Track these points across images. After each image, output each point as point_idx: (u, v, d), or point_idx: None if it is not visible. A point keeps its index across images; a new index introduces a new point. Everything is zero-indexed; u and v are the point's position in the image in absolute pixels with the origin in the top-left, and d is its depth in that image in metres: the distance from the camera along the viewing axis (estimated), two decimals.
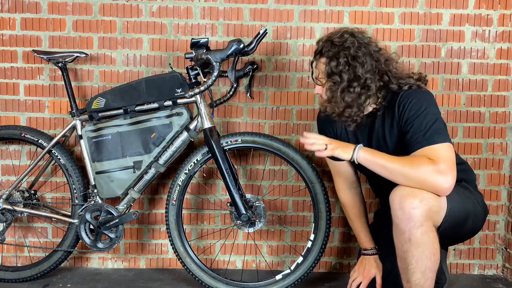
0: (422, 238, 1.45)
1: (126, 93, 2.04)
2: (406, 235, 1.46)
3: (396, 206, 1.47)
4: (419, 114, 1.56)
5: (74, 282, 2.17)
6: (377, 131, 1.70)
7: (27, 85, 2.29)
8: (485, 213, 1.71)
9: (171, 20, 2.26)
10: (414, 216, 1.44)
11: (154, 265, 2.39)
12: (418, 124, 1.55)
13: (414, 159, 1.51)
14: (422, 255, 1.46)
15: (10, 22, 2.26)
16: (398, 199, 1.47)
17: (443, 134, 1.54)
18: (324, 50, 1.63)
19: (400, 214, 1.46)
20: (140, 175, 2.05)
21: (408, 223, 1.45)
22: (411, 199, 1.45)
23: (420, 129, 1.54)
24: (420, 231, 1.44)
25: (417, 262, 1.47)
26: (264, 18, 2.25)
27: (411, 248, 1.46)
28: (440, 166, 1.46)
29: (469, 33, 2.26)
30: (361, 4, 2.25)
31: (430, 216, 1.46)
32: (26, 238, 2.36)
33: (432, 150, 1.50)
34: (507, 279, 2.30)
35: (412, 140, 1.55)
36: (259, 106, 2.30)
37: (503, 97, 2.29)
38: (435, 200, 1.48)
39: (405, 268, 1.50)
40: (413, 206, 1.44)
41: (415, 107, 1.57)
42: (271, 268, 2.36)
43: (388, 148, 1.67)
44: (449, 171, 1.47)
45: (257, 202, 2.04)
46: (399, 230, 1.48)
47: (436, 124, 1.54)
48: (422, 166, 1.47)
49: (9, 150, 2.31)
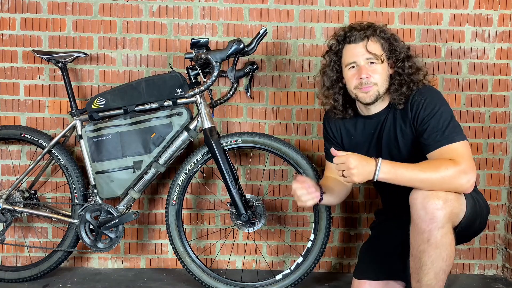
0: (442, 240, 1.44)
1: (126, 93, 2.04)
2: (425, 235, 1.45)
3: (419, 206, 1.45)
4: (435, 113, 1.55)
5: (74, 282, 2.17)
6: (387, 130, 1.68)
7: (27, 85, 2.29)
8: (487, 212, 1.71)
9: (171, 20, 2.26)
10: (437, 217, 1.43)
11: (154, 265, 2.39)
12: (435, 123, 1.54)
13: (436, 164, 1.48)
14: (439, 257, 1.45)
15: (10, 22, 2.26)
16: (421, 198, 1.45)
17: (460, 132, 1.54)
18: (370, 32, 1.63)
19: (423, 214, 1.44)
20: (140, 175, 2.05)
21: (430, 224, 1.43)
22: (436, 200, 1.43)
23: (438, 128, 1.53)
24: (440, 233, 1.43)
25: (432, 263, 1.46)
26: (264, 18, 2.25)
27: (428, 248, 1.45)
28: (462, 166, 1.46)
29: (469, 33, 2.26)
30: (361, 4, 2.25)
31: (452, 218, 1.46)
32: (26, 238, 2.36)
33: (452, 149, 1.50)
34: (507, 279, 2.30)
35: (430, 139, 1.54)
36: (259, 106, 2.30)
37: (503, 97, 2.29)
38: (458, 201, 1.47)
39: (418, 268, 1.49)
40: (437, 207, 1.43)
41: (429, 106, 1.57)
42: (271, 268, 2.36)
43: (399, 147, 1.66)
44: (471, 169, 1.47)
45: (257, 202, 2.04)
46: (418, 229, 1.46)
47: (452, 122, 1.54)
48: (446, 169, 1.45)
49: (9, 150, 2.31)
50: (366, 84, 1.61)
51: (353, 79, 1.64)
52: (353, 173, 1.45)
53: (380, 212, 1.96)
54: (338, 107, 1.75)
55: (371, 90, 1.62)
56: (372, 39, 1.63)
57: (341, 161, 1.47)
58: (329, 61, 1.74)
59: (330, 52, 1.74)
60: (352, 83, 1.65)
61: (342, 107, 1.76)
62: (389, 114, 1.68)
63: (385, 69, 1.64)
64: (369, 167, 1.47)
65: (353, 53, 1.64)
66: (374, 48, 1.62)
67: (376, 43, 1.63)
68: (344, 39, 1.67)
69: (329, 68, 1.74)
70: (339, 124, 1.82)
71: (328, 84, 1.75)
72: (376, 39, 1.63)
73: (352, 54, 1.64)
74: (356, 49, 1.63)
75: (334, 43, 1.71)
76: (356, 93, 1.65)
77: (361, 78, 1.61)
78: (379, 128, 1.71)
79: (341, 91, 1.74)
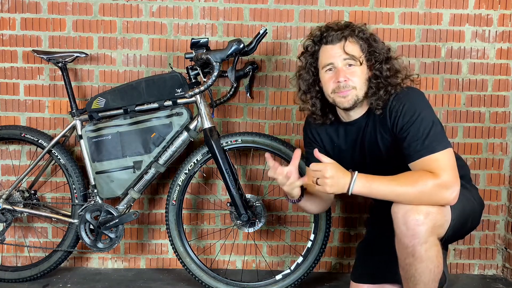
0: (427, 254, 1.41)
1: (126, 93, 2.04)
2: (409, 250, 1.42)
3: (400, 220, 1.42)
4: (415, 120, 1.47)
5: (74, 282, 2.17)
6: (369, 136, 1.62)
7: (27, 85, 2.29)
8: (481, 208, 1.68)
9: (171, 20, 2.26)
10: (418, 232, 1.39)
11: (154, 265, 2.39)
12: (414, 131, 1.47)
13: (414, 177, 1.43)
14: (426, 269, 1.43)
15: (10, 22, 2.26)
16: (401, 213, 1.42)
17: (442, 139, 1.46)
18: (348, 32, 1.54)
19: (404, 230, 1.41)
20: (140, 175, 2.05)
21: (413, 240, 1.40)
22: (416, 215, 1.39)
23: (418, 137, 1.46)
24: (424, 248, 1.41)
25: (420, 276, 1.44)
26: (264, 18, 2.25)
27: (414, 262, 1.43)
28: (443, 178, 1.40)
29: (469, 33, 2.26)
30: (361, 4, 2.25)
31: (435, 231, 1.42)
32: (26, 238, 2.36)
33: (433, 160, 1.43)
34: (507, 279, 2.30)
35: (411, 149, 1.47)
36: (259, 106, 2.30)
37: (503, 97, 2.29)
38: (440, 214, 1.43)
39: (408, 279, 1.48)
40: (418, 223, 1.39)
41: (408, 113, 1.49)
42: (271, 268, 2.36)
43: (382, 152, 1.61)
44: (453, 181, 1.42)
45: (257, 202, 2.04)
46: (402, 244, 1.44)
47: (433, 129, 1.46)
48: (424, 184, 1.39)
49: (9, 150, 2.31)
50: (344, 88, 1.53)
51: (330, 82, 1.56)
52: (327, 182, 1.41)
53: (373, 208, 1.94)
54: (317, 112, 1.67)
55: (350, 94, 1.54)
56: (350, 39, 1.54)
57: (318, 168, 1.43)
58: (304, 63, 1.65)
59: (305, 54, 1.65)
60: (329, 87, 1.57)
61: (321, 111, 1.67)
62: (369, 121, 1.61)
63: (364, 71, 1.55)
64: (344, 179, 1.43)
65: (330, 54, 1.55)
66: (352, 49, 1.53)
67: (354, 44, 1.54)
68: (321, 39, 1.58)
69: (304, 70, 1.65)
70: (321, 130, 1.73)
71: (304, 88, 1.66)
72: (355, 40, 1.54)
73: (329, 55, 1.55)
74: (333, 50, 1.54)
75: (310, 43, 1.62)
76: (334, 98, 1.57)
77: (339, 81, 1.53)
78: (360, 134, 1.64)
79: (319, 95, 1.65)
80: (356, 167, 1.49)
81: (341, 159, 1.59)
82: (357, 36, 1.55)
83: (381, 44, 1.59)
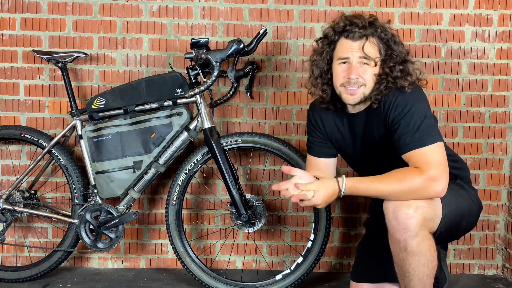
0: (419, 248, 1.43)
1: (126, 93, 2.04)
2: (401, 245, 1.45)
3: (390, 216, 1.46)
4: (406, 113, 1.49)
5: (74, 282, 2.17)
6: (369, 130, 1.65)
7: (27, 85, 2.29)
8: (479, 209, 1.69)
9: (171, 20, 2.26)
10: (409, 226, 1.42)
11: (154, 265, 2.39)
12: (405, 123, 1.49)
13: (400, 175, 1.46)
14: (419, 263, 1.45)
15: (10, 22, 2.26)
16: (392, 208, 1.46)
17: (432, 133, 1.48)
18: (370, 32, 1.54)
19: (395, 224, 1.45)
20: (140, 175, 2.05)
21: (404, 233, 1.43)
22: (406, 209, 1.43)
23: (408, 129, 1.48)
24: (416, 241, 1.43)
25: (414, 270, 1.46)
26: (264, 18, 2.25)
27: (407, 257, 1.45)
28: (429, 173, 1.43)
29: (469, 33, 2.26)
30: (361, 4, 2.25)
31: (426, 224, 1.45)
32: (26, 238, 2.36)
33: (422, 154, 1.46)
34: (507, 279, 2.30)
35: (401, 141, 1.50)
36: (259, 106, 2.30)
37: (503, 97, 2.29)
38: (430, 207, 1.46)
39: (403, 275, 1.50)
40: (408, 216, 1.42)
41: (401, 105, 1.51)
42: (271, 268, 2.36)
43: (380, 147, 1.63)
44: (441, 175, 1.44)
45: (257, 202, 2.04)
46: (394, 239, 1.47)
47: (424, 123, 1.48)
48: (410, 180, 1.43)
49: (9, 150, 2.31)
50: (355, 84, 1.54)
51: (341, 75, 1.57)
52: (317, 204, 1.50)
53: (373, 208, 1.95)
54: (326, 98, 1.67)
55: (357, 93, 1.55)
56: (371, 39, 1.54)
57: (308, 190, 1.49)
58: (321, 50, 1.64)
59: (324, 40, 1.64)
60: (339, 79, 1.58)
61: (330, 98, 1.67)
62: (370, 114, 1.63)
63: (376, 70, 1.57)
64: (334, 194, 1.51)
65: (348, 48, 1.55)
66: (370, 50, 1.54)
67: (373, 45, 1.55)
68: (342, 31, 1.57)
69: (320, 57, 1.64)
70: (325, 117, 1.74)
71: (317, 73, 1.66)
72: (375, 41, 1.55)
73: (346, 49, 1.56)
74: (352, 46, 1.54)
75: (330, 32, 1.61)
76: (341, 92, 1.58)
77: (350, 77, 1.54)
78: (362, 127, 1.66)
79: (330, 82, 1.65)
80: (356, 159, 1.52)
81: (343, 147, 1.64)
82: (378, 37, 1.55)
83: (401, 46, 1.59)
